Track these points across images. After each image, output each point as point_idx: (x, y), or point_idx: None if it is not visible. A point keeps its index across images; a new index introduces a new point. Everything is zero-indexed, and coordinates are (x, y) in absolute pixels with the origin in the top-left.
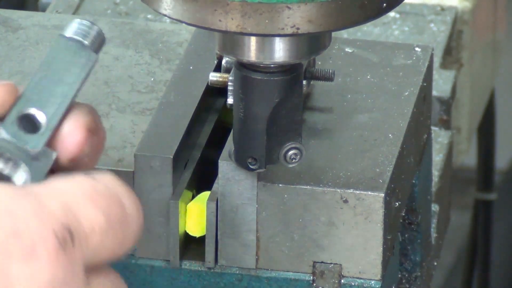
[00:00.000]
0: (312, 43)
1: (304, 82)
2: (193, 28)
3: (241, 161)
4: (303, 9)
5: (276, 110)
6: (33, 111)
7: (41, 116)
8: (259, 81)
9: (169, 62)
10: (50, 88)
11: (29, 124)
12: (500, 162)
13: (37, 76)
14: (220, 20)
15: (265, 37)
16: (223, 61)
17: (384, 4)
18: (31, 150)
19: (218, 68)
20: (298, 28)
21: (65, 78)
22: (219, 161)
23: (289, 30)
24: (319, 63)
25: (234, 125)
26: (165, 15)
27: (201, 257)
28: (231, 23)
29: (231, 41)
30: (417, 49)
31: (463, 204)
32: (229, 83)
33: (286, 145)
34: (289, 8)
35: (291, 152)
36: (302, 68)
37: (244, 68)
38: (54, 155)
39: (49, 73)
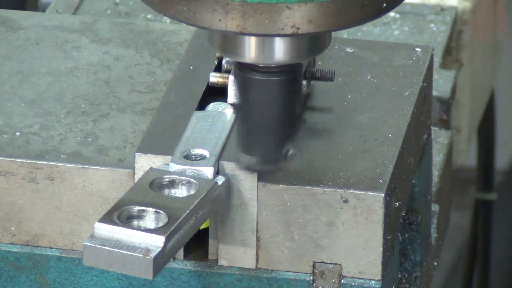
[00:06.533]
0: (312, 43)
1: (304, 82)
2: (193, 28)
3: (241, 161)
4: (303, 9)
5: (276, 110)
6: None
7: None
8: (259, 81)
9: (169, 62)
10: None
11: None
12: (500, 162)
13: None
14: (220, 20)
15: (265, 37)
16: (223, 61)
17: (384, 4)
18: None
19: (218, 68)
20: (298, 28)
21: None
22: (219, 161)
23: (289, 30)
24: (319, 63)
25: (235, 125)
26: (165, 15)
27: (202, 257)
28: (231, 23)
29: (231, 41)
30: (417, 49)
31: (463, 204)
32: (229, 83)
33: (286, 145)
34: (289, 8)
35: (291, 152)
36: (302, 68)
37: (244, 68)
38: None
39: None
